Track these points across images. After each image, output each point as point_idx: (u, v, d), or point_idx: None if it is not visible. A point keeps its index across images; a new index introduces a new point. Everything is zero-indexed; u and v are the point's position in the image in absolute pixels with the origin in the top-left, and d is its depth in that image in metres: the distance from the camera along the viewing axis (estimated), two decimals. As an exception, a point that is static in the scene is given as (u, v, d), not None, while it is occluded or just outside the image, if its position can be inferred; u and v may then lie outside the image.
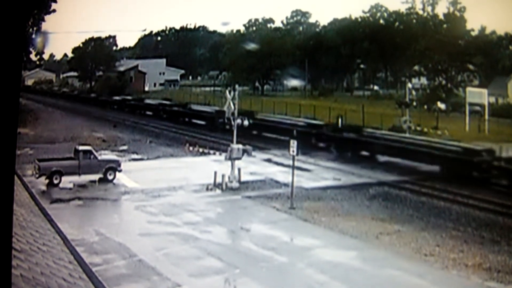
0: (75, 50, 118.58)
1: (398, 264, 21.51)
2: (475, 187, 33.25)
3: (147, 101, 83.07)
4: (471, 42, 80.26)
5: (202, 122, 62.05)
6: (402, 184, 35.14)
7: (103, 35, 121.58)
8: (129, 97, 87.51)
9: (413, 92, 56.36)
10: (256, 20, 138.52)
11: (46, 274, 5.30)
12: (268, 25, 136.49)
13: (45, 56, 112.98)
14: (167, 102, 77.36)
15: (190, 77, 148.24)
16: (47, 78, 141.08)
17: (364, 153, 43.30)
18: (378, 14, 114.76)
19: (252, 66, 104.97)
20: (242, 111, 46.88)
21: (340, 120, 55.01)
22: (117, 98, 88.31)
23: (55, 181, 33.42)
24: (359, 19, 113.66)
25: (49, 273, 5.41)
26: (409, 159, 40.36)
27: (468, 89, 67.51)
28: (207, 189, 33.34)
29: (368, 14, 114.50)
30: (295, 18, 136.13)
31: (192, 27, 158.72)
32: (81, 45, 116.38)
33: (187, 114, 67.13)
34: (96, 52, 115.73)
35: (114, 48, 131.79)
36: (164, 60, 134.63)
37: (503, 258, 22.56)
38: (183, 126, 62.35)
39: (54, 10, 56.85)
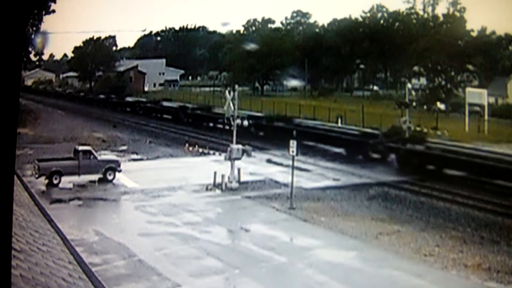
0: (76, 50, 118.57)
1: (397, 264, 21.52)
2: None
3: (165, 103, 75.30)
4: (470, 43, 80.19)
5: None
6: (401, 185, 35.15)
7: (102, 35, 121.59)
8: (143, 99, 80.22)
9: (413, 93, 56.18)
10: (256, 20, 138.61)
11: (46, 274, 5.30)
12: (268, 25, 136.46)
13: (45, 56, 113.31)
14: (189, 105, 70.30)
15: (190, 77, 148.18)
16: (47, 78, 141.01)
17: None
18: (379, 15, 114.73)
19: (252, 66, 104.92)
20: (279, 116, 54.55)
21: (339, 120, 55.08)
22: (130, 99, 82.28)
23: (55, 181, 33.44)
24: (359, 19, 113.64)
25: (49, 273, 5.42)
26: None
27: (468, 89, 67.47)
28: (206, 189, 33.35)
29: (368, 14, 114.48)
30: (295, 19, 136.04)
31: (192, 27, 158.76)
32: (81, 44, 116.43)
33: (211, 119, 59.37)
34: (96, 52, 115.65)
35: (114, 48, 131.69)
36: (163, 60, 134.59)
37: (502, 258, 22.59)
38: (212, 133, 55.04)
39: (53, 11, 56.93)
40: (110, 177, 34.77)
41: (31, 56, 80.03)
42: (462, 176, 35.27)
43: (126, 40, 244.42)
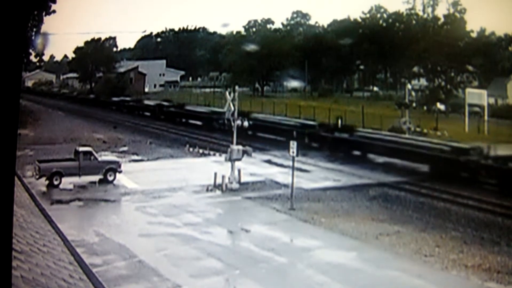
0: (77, 50, 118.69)
1: (398, 264, 21.52)
2: None
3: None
4: (470, 44, 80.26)
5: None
6: (401, 185, 35.17)
7: (103, 36, 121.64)
8: (165, 103, 78.19)
9: (413, 93, 56.32)
10: (256, 21, 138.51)
11: (46, 275, 5.31)
12: (268, 26, 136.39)
13: (45, 58, 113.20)
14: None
15: (190, 78, 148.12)
16: (47, 79, 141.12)
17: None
18: (378, 15, 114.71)
19: (252, 67, 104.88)
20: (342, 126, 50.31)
21: (339, 121, 55.07)
22: (150, 103, 79.57)
23: (55, 182, 33.45)
24: (359, 20, 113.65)
25: (49, 274, 5.43)
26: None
27: (468, 90, 67.50)
28: (207, 190, 33.36)
29: (368, 15, 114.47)
30: (295, 20, 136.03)
31: (192, 28, 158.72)
32: (82, 45, 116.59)
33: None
34: (96, 53, 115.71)
35: (114, 49, 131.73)
36: (164, 61, 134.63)
37: (502, 258, 22.58)
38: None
39: (54, 11, 56.83)
40: (110, 178, 34.78)
41: (32, 57, 79.92)
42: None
43: (126, 41, 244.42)
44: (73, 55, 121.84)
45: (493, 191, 33.05)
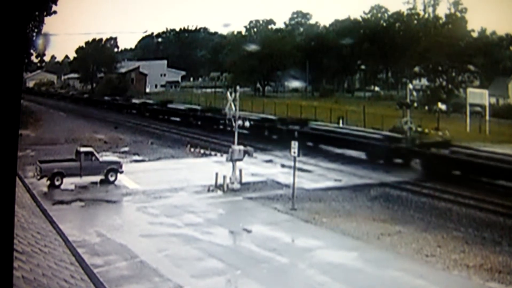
0: (78, 50, 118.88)
1: (399, 265, 21.52)
2: None
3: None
4: (471, 43, 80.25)
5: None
6: (403, 185, 35.17)
7: (104, 37, 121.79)
8: (182, 107, 77.69)
9: (414, 93, 56.21)
10: (257, 21, 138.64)
11: (48, 276, 5.31)
12: (269, 27, 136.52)
13: (46, 58, 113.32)
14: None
15: (191, 79, 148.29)
16: (49, 79, 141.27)
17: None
18: (379, 15, 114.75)
19: (253, 68, 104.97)
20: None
21: (341, 121, 55.12)
22: (181, 108, 75.05)
23: (57, 183, 33.46)
24: (360, 20, 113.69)
25: (51, 275, 5.43)
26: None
27: (469, 90, 67.52)
28: (208, 190, 33.35)
29: (369, 15, 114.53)
30: (296, 20, 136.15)
31: (193, 28, 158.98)
32: (84, 45, 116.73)
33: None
34: (97, 54, 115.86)
35: (115, 49, 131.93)
36: (165, 62, 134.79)
37: (504, 258, 22.57)
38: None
39: (55, 12, 56.99)
40: (111, 179, 34.79)
41: (33, 57, 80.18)
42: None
43: (127, 41, 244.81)
44: (75, 55, 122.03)
45: (495, 191, 33.01)
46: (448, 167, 36.76)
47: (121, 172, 35.35)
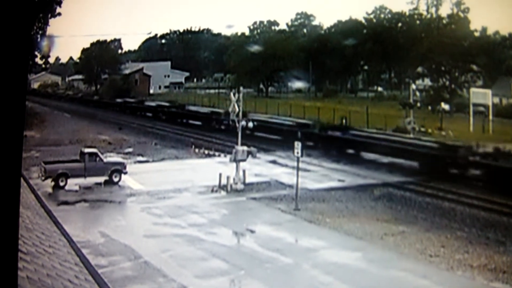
0: (84, 51, 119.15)
1: (403, 265, 21.50)
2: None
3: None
4: (474, 43, 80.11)
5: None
6: (406, 185, 35.12)
7: (108, 38, 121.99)
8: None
9: (417, 93, 56.17)
10: (261, 22, 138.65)
11: (52, 276, 5.34)
12: (273, 28, 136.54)
13: (51, 60, 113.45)
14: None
15: (195, 80, 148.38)
16: (53, 81, 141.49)
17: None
18: (382, 16, 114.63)
19: (256, 68, 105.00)
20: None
21: (344, 121, 55.03)
22: (206, 111, 71.42)
23: (61, 184, 33.53)
24: (363, 21, 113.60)
25: (55, 275, 5.46)
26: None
27: (472, 89, 67.45)
28: (212, 191, 33.38)
29: (371, 16, 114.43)
30: (299, 21, 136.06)
31: (197, 29, 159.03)
32: (89, 47, 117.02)
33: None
34: (102, 55, 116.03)
35: (119, 51, 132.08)
36: (168, 63, 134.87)
37: (508, 258, 22.53)
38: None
39: (59, 14, 56.96)
40: (116, 179, 34.83)
41: (37, 59, 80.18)
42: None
43: (131, 43, 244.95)
44: (79, 57, 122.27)
45: (496, 190, 32.93)
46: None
47: (125, 173, 35.40)
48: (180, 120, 68.61)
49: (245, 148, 35.14)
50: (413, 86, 58.18)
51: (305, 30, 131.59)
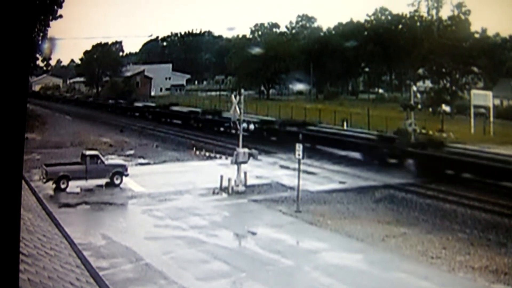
0: (85, 54, 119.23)
1: (404, 266, 21.50)
2: None
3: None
4: (475, 45, 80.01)
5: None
6: (407, 187, 35.10)
7: (109, 41, 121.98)
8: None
9: (418, 95, 56.09)
10: (262, 24, 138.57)
11: (54, 278, 5.34)
12: (274, 30, 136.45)
13: (52, 62, 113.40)
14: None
15: (196, 82, 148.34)
16: (54, 83, 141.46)
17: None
18: (383, 18, 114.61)
19: (257, 71, 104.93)
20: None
21: (345, 123, 55.03)
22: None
23: (62, 186, 33.54)
24: (364, 23, 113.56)
25: (56, 277, 5.46)
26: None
27: (473, 91, 67.38)
28: (213, 193, 33.39)
29: (372, 18, 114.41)
30: (300, 23, 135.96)
31: (198, 32, 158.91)
32: (90, 49, 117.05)
33: None
34: (103, 58, 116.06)
35: (121, 53, 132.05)
36: (170, 65, 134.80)
37: (510, 260, 22.52)
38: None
39: (60, 16, 57.11)
40: (117, 182, 34.85)
41: (39, 62, 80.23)
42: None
43: (132, 45, 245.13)
44: (81, 59, 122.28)
45: (498, 192, 32.91)
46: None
47: (127, 175, 35.41)
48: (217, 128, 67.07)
49: (246, 150, 35.17)
50: (414, 88, 58.06)
51: (306, 32, 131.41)
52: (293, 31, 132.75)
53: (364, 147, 43.34)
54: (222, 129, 58.53)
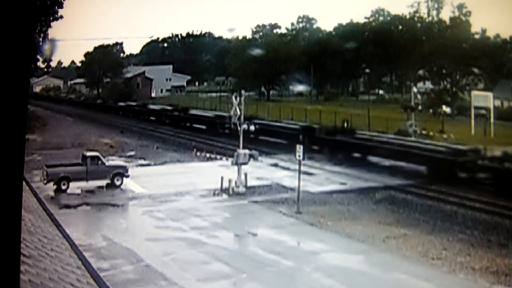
0: (86, 55, 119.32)
1: (405, 268, 21.49)
2: None
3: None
4: (475, 46, 79.99)
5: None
6: (408, 188, 35.10)
7: (110, 42, 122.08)
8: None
9: (419, 96, 56.21)
10: (263, 26, 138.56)
11: (54, 279, 5.35)
12: (274, 31, 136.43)
13: (53, 63, 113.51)
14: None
15: (197, 83, 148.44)
16: (55, 84, 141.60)
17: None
18: (383, 19, 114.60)
19: (258, 72, 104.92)
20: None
21: (345, 124, 55.01)
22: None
23: (63, 187, 33.54)
24: (364, 24, 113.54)
25: (57, 278, 5.46)
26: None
27: (473, 92, 67.38)
28: (214, 194, 33.38)
29: (372, 19, 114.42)
30: (300, 24, 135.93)
31: (198, 33, 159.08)
32: (91, 50, 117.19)
33: None
34: (104, 59, 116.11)
35: (121, 54, 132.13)
36: (170, 66, 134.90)
37: (510, 261, 22.51)
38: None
39: (61, 17, 57.06)
40: (118, 183, 34.85)
41: (39, 63, 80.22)
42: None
43: (133, 46, 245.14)
44: (82, 60, 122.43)
45: (498, 193, 32.90)
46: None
47: (127, 176, 35.41)
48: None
49: (247, 151, 35.17)
50: (415, 89, 58.20)
51: (306, 34, 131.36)
52: (294, 32, 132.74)
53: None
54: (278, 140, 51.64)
